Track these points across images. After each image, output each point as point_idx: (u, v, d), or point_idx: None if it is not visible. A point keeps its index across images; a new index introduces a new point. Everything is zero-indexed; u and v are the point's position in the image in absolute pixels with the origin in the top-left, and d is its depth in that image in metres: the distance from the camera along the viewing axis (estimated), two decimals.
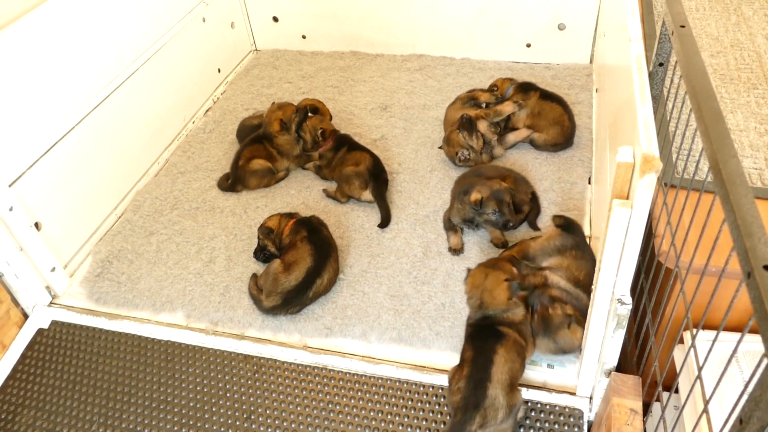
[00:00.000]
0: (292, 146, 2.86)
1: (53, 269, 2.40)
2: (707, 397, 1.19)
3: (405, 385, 2.05)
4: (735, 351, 1.10)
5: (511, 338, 1.88)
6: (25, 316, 2.36)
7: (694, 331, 1.31)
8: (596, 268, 1.71)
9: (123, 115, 2.79)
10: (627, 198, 1.52)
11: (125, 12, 2.75)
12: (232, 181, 2.82)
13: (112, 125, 2.72)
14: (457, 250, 2.44)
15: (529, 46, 3.50)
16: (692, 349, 1.27)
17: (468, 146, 2.73)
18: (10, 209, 2.18)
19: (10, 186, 2.20)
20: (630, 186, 1.51)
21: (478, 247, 2.47)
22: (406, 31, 3.63)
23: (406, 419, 1.97)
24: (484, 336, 1.90)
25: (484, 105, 2.95)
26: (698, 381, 1.25)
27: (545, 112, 2.85)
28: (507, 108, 2.84)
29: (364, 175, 2.65)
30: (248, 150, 2.81)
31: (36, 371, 2.20)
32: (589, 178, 2.73)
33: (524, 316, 1.97)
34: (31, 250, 2.29)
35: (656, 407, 1.89)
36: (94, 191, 2.65)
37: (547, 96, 2.90)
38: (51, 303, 2.42)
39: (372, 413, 1.99)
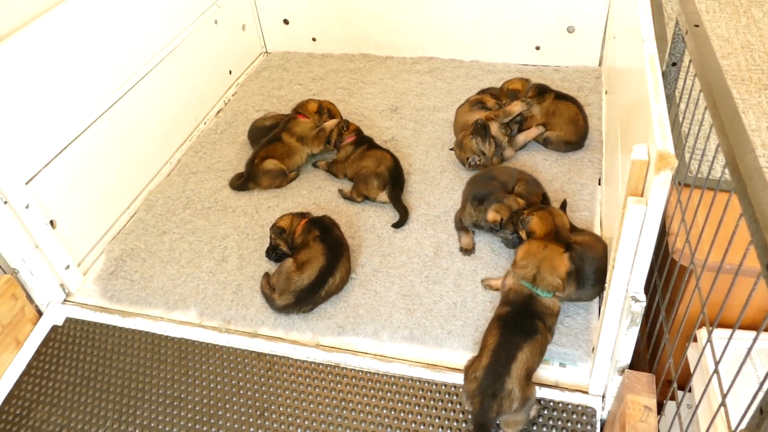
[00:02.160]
0: (311, 129, 2.90)
1: (67, 267, 2.42)
2: (725, 391, 1.20)
3: (417, 384, 2.06)
4: (753, 344, 1.11)
5: (541, 337, 1.86)
6: (40, 313, 2.38)
7: (710, 327, 1.32)
8: (609, 266, 1.72)
9: (136, 116, 2.81)
10: (641, 195, 1.53)
11: (140, 14, 2.78)
12: (245, 179, 2.84)
13: (125, 125, 2.74)
14: (468, 251, 2.45)
15: (538, 48, 3.51)
16: (709, 344, 1.28)
17: (480, 152, 2.74)
18: (27, 207, 2.20)
19: (26, 184, 2.23)
20: (645, 184, 1.52)
21: (489, 247, 2.48)
22: (416, 34, 3.65)
23: (418, 417, 1.97)
24: (515, 326, 1.86)
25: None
26: (715, 375, 1.26)
27: (560, 110, 2.87)
28: (516, 108, 2.85)
29: (384, 176, 2.66)
30: (264, 150, 2.84)
31: (50, 367, 2.21)
32: (600, 180, 2.74)
33: (559, 309, 1.96)
34: (46, 247, 2.31)
35: (669, 406, 1.90)
36: (107, 190, 2.67)
37: (562, 96, 2.93)
38: (65, 300, 2.44)
39: (384, 411, 1.99)
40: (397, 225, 2.60)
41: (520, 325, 1.86)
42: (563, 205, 2.54)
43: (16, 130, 2.20)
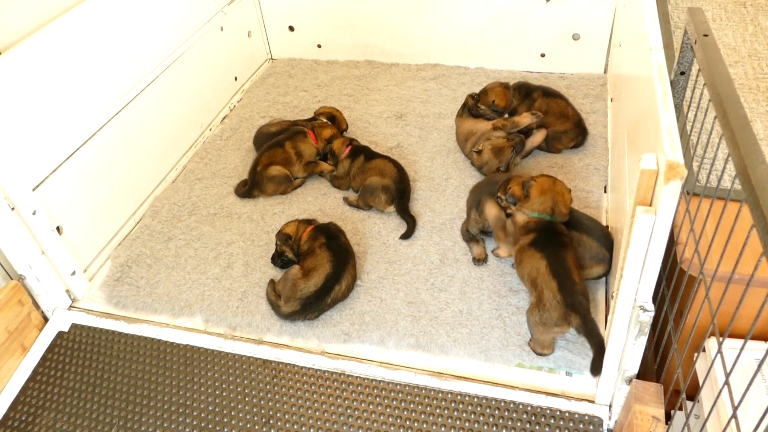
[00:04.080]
0: (311, 154, 2.90)
1: (73, 273, 2.42)
2: (736, 403, 1.19)
3: (423, 392, 2.05)
4: (766, 355, 1.10)
5: (572, 246, 2.08)
6: (46, 319, 2.38)
7: (721, 338, 1.31)
8: (618, 275, 1.71)
9: (143, 122, 2.82)
10: (650, 205, 1.53)
11: (146, 21, 2.79)
12: (249, 186, 2.84)
13: (132, 132, 2.75)
14: (481, 260, 2.44)
15: (543, 55, 3.52)
16: (719, 356, 1.27)
17: (506, 164, 2.74)
18: (33, 213, 2.21)
19: (33, 190, 2.23)
20: (653, 193, 1.52)
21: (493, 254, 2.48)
22: (421, 41, 3.66)
23: (424, 425, 1.97)
24: (551, 244, 2.06)
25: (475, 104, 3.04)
26: (726, 387, 1.25)
27: (552, 108, 2.94)
28: (525, 120, 2.84)
29: (392, 190, 2.66)
30: (266, 156, 2.84)
31: (56, 374, 2.21)
32: (606, 187, 2.74)
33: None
34: (52, 253, 2.32)
35: (677, 417, 1.88)
36: (113, 196, 2.68)
37: (549, 93, 2.99)
38: (71, 306, 2.44)
39: (390, 419, 1.99)
40: (405, 236, 2.60)
41: (553, 242, 2.07)
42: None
43: (24, 137, 2.21)
